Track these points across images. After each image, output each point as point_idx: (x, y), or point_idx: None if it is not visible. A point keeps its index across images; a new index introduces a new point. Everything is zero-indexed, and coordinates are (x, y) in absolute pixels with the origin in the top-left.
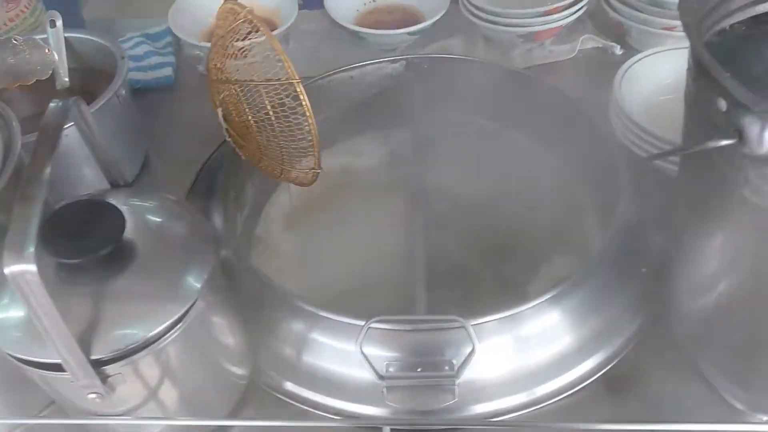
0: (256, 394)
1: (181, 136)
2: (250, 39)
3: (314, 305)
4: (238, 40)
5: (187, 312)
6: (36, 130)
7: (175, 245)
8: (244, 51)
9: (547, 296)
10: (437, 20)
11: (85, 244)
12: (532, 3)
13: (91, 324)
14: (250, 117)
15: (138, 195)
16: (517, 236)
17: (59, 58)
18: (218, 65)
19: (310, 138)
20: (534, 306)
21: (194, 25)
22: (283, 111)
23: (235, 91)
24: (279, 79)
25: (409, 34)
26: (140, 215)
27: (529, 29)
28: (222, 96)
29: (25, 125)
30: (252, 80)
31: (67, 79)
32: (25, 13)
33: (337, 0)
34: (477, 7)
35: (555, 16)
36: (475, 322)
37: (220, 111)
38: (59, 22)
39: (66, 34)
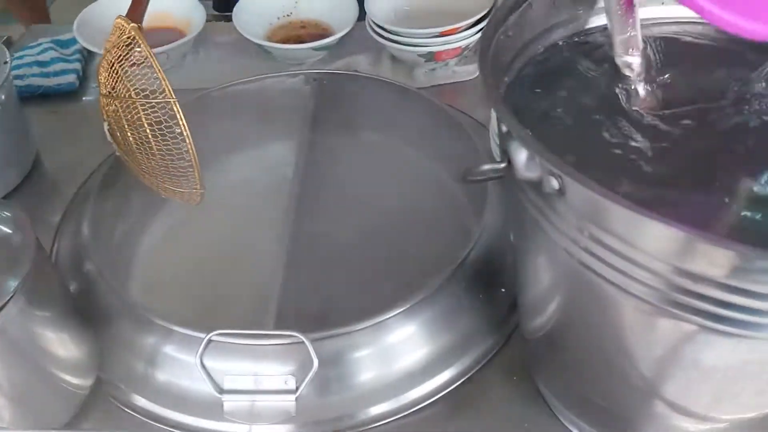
0: (100, 406)
1: (77, 142)
2: (134, 55)
3: (159, 317)
4: (122, 56)
5: None
6: None
7: None
8: (125, 66)
9: (392, 314)
10: (342, 36)
11: None
12: (435, 23)
13: None
14: (129, 134)
15: None
16: (385, 251)
17: None
18: (103, 79)
19: (189, 158)
20: (377, 323)
21: (101, 35)
22: (161, 130)
23: (116, 106)
24: (156, 97)
25: (313, 49)
26: None
27: (429, 49)
28: (108, 110)
29: None
30: (131, 97)
31: None
32: None
33: (249, 13)
34: (379, 26)
35: (452, 37)
36: (315, 337)
37: (106, 125)
38: None
39: None
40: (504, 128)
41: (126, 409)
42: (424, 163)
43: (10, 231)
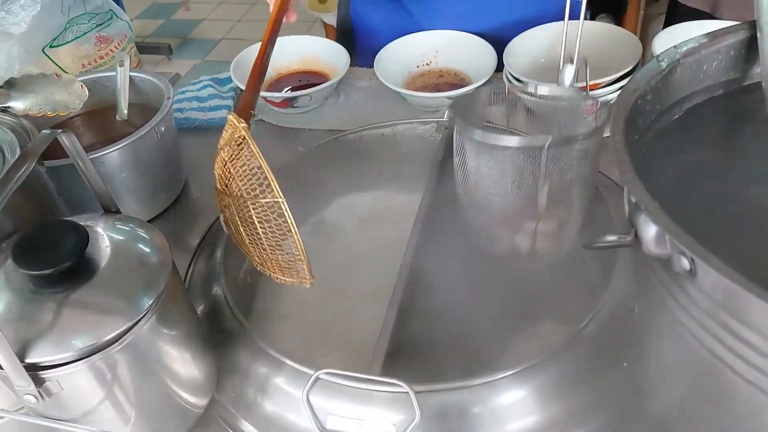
0: (211, 426)
1: None
2: (244, 153)
3: (273, 348)
4: (233, 155)
5: (128, 330)
6: None
7: (134, 268)
8: (237, 165)
9: (502, 375)
10: (477, 87)
11: (49, 258)
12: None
13: (42, 330)
14: (241, 229)
15: (121, 221)
16: (503, 310)
17: (122, 93)
18: (218, 175)
19: (297, 253)
20: (486, 383)
21: None
22: (270, 228)
23: (229, 202)
24: (265, 196)
25: (448, 98)
26: (114, 238)
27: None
28: (222, 204)
29: None
30: (242, 196)
31: (126, 112)
32: (114, 52)
33: (390, 60)
34: (516, 78)
35: (592, 93)
36: (420, 389)
37: (221, 216)
38: (126, 63)
39: (131, 74)
40: (633, 198)
41: None
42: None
43: (151, 253)
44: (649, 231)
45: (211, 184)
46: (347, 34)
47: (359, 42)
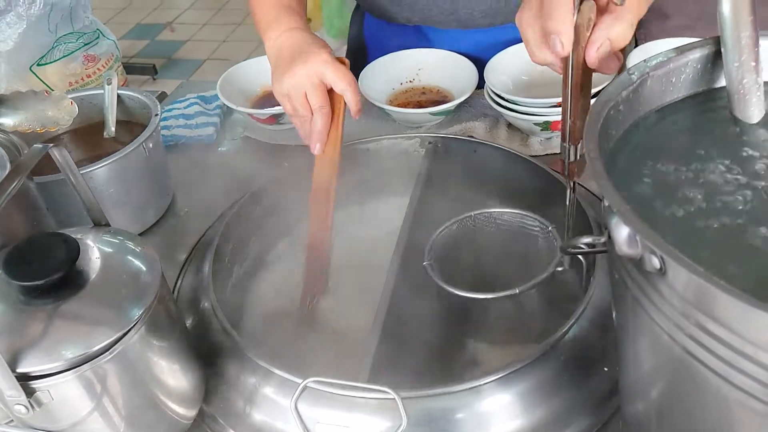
0: None
1: (209, 189)
2: None
3: (262, 358)
4: None
5: (117, 341)
6: None
7: (124, 279)
8: None
9: (486, 380)
10: (460, 103)
11: (40, 269)
12: (552, 93)
13: (32, 340)
14: None
15: (111, 234)
16: (486, 317)
17: (110, 111)
18: None
19: None
20: (471, 388)
21: (241, 93)
22: None
23: None
24: None
25: (431, 114)
26: (104, 250)
27: (545, 118)
28: None
29: None
30: None
31: (113, 129)
32: (102, 71)
33: (374, 78)
34: (497, 94)
35: None
36: (407, 395)
37: None
38: (114, 81)
39: (119, 92)
40: (606, 202)
41: None
42: (534, 232)
43: (141, 266)
44: (621, 232)
45: (199, 202)
46: (358, 55)
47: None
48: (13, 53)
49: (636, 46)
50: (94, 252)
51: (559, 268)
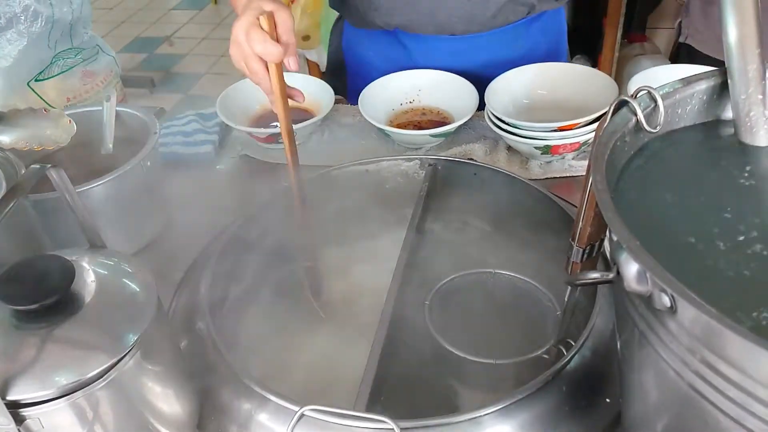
0: None
1: (207, 207)
2: None
3: (257, 384)
4: None
5: (111, 367)
6: None
7: (119, 303)
8: None
9: (487, 411)
10: (460, 125)
11: (34, 293)
12: (553, 116)
13: (24, 367)
14: None
15: (107, 256)
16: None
17: (108, 128)
18: None
19: None
20: (471, 419)
21: (240, 111)
22: None
23: None
24: None
25: (431, 135)
26: (100, 273)
27: (546, 143)
28: None
29: None
30: None
31: (111, 146)
32: (100, 87)
33: (375, 98)
34: (497, 117)
35: (571, 132)
36: (406, 426)
37: None
38: (113, 98)
39: (118, 108)
40: (614, 237)
41: None
42: (533, 256)
43: (137, 289)
44: (631, 269)
45: (196, 220)
46: (338, 68)
47: (351, 75)
48: (12, 69)
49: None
50: (90, 275)
51: (545, 356)
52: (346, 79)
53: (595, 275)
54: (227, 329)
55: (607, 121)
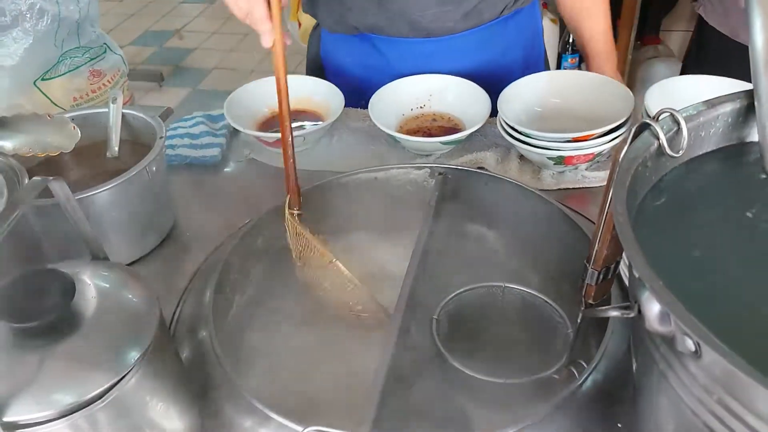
0: None
1: (213, 212)
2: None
3: (259, 400)
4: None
5: (113, 386)
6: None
7: (121, 320)
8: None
9: None
10: (471, 134)
11: (33, 310)
12: (566, 125)
13: (22, 386)
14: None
15: (108, 269)
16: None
17: (114, 131)
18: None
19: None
20: None
21: (248, 114)
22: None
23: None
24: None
25: (442, 143)
26: (101, 288)
27: (559, 153)
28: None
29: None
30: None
31: (117, 149)
32: (107, 86)
33: (384, 103)
34: (510, 126)
35: (585, 143)
36: None
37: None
38: (119, 100)
39: (123, 111)
40: (636, 273)
41: None
42: (545, 271)
43: (138, 304)
44: (653, 308)
45: (201, 226)
46: (317, 73)
47: (330, 78)
48: (18, 68)
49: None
50: (91, 290)
51: (556, 376)
52: None
53: (614, 313)
54: (231, 341)
55: (627, 145)
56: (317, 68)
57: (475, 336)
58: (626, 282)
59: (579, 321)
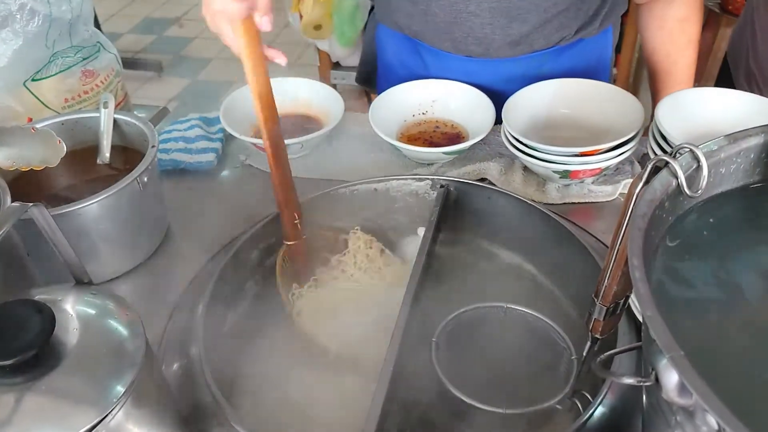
0: None
1: (207, 220)
2: None
3: (244, 426)
4: None
5: (97, 425)
6: (68, 201)
7: (105, 352)
8: None
9: None
10: (474, 144)
11: (10, 346)
12: (572, 136)
13: (1, 427)
14: None
15: (92, 295)
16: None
17: (105, 136)
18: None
19: None
20: None
21: (245, 118)
22: None
23: None
24: None
25: (444, 153)
26: (84, 318)
27: (566, 167)
28: None
29: (58, 197)
30: None
31: (108, 155)
32: (100, 87)
33: (386, 109)
34: (515, 137)
35: (592, 157)
36: None
37: None
38: (111, 104)
39: (115, 116)
40: (653, 336)
41: None
42: (548, 291)
43: (124, 333)
44: (671, 378)
45: (196, 234)
46: (371, 60)
47: (378, 70)
48: (7, 69)
49: None
50: (73, 321)
51: (558, 407)
52: (377, 75)
53: (630, 381)
54: (223, 358)
55: (641, 183)
56: (372, 54)
57: (476, 360)
58: (636, 314)
59: (585, 352)
